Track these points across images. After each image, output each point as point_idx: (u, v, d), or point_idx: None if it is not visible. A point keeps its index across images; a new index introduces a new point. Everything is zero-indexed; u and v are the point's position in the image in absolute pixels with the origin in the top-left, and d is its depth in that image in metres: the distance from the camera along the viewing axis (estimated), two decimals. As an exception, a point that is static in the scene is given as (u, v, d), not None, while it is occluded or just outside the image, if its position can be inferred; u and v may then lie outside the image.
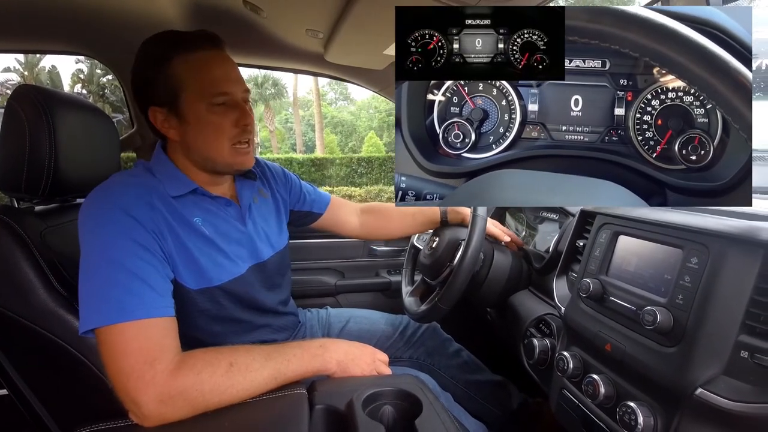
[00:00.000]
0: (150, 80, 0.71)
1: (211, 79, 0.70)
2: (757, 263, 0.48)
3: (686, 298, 0.51)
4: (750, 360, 0.46)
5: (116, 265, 0.59)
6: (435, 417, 0.57)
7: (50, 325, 0.67)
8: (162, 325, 0.59)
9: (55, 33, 1.21)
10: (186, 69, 0.69)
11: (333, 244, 1.61)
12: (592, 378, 0.60)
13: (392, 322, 1.13)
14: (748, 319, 0.47)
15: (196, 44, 0.70)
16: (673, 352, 0.51)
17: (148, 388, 0.54)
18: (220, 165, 0.75)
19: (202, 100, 0.70)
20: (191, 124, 0.71)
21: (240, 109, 0.73)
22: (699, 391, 0.48)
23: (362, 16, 0.93)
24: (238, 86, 0.73)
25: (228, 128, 0.72)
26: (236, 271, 0.77)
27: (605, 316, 0.62)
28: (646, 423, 0.52)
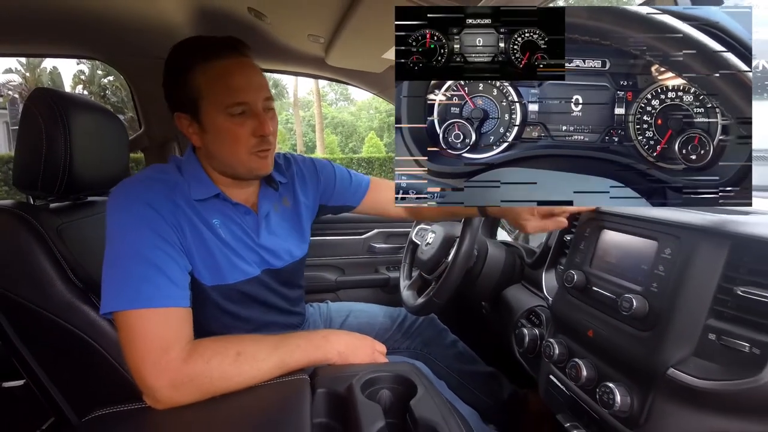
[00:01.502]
0: (174, 87, 0.72)
1: (228, 89, 0.70)
2: (724, 253, 0.52)
3: (660, 286, 0.55)
4: (717, 342, 0.51)
5: (138, 255, 0.63)
6: (429, 399, 0.60)
7: (67, 315, 0.71)
8: (178, 315, 0.63)
9: (65, 37, 1.25)
10: (205, 78, 0.70)
11: (334, 242, 1.65)
12: (576, 362, 0.64)
13: (390, 315, 1.16)
14: (716, 305, 0.52)
15: (215, 52, 0.70)
16: (648, 336, 0.55)
17: (162, 373, 0.58)
18: (239, 171, 0.76)
19: (220, 109, 0.70)
20: (210, 133, 0.72)
21: (259, 119, 0.72)
22: (671, 371, 0.52)
23: (361, 22, 0.96)
24: (258, 94, 0.72)
25: (246, 137, 0.72)
26: (250, 272, 0.79)
27: (588, 305, 0.66)
28: (623, 402, 0.56)
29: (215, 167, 0.77)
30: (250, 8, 1.03)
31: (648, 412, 0.55)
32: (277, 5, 1.02)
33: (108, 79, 18.43)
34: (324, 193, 0.99)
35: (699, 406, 0.51)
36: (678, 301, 0.53)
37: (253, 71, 0.73)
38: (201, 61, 0.70)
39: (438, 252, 1.10)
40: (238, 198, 0.80)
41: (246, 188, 0.82)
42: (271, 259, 0.83)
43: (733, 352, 0.49)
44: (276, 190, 0.86)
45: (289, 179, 0.91)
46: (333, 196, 1.00)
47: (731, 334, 0.49)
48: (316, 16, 1.03)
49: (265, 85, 0.74)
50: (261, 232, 0.81)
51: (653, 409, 0.54)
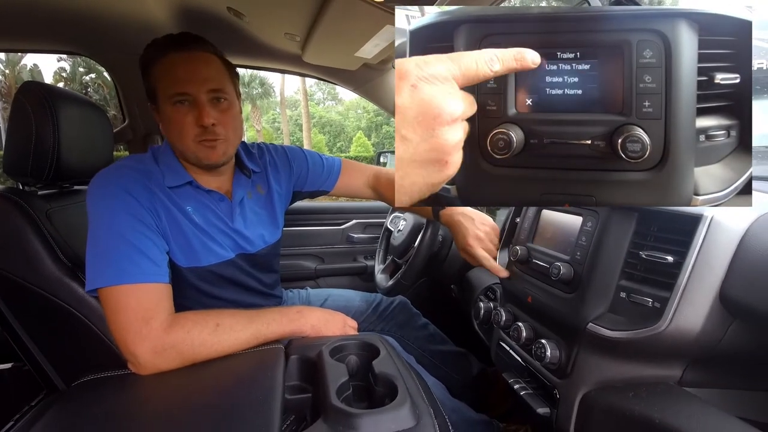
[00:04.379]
0: (144, 79, 0.80)
1: (172, 80, 0.75)
2: (632, 224, 0.61)
3: (582, 254, 0.64)
4: (627, 299, 0.59)
5: (118, 235, 0.69)
6: (389, 359, 0.67)
7: (56, 290, 0.77)
8: (157, 289, 0.68)
9: (48, 32, 1.29)
10: (158, 71, 0.76)
11: (314, 232, 1.72)
12: (518, 325, 0.73)
13: (366, 299, 1.23)
14: (626, 267, 0.60)
15: (169, 47, 0.76)
16: (573, 297, 0.64)
17: (144, 341, 0.63)
18: (190, 158, 0.80)
19: (167, 99, 0.76)
20: (163, 121, 0.79)
21: (201, 109, 0.75)
22: (590, 325, 0.60)
23: (333, 21, 1.03)
24: (200, 86, 0.75)
25: (189, 126, 0.76)
26: (224, 255, 0.84)
27: (529, 275, 0.75)
28: (552, 355, 0.65)
29: (179, 154, 0.81)
30: (229, 7, 1.09)
31: (573, 363, 0.63)
32: (254, 4, 1.08)
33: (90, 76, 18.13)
34: (298, 180, 1.04)
35: (613, 354, 0.59)
36: (596, 266, 0.62)
37: (201, 64, 0.77)
38: (159, 56, 0.76)
39: (408, 238, 1.18)
40: (211, 185, 0.84)
41: (218, 176, 0.86)
42: (245, 244, 0.88)
43: (639, 307, 0.57)
44: (249, 177, 0.91)
45: (262, 168, 0.96)
46: (307, 182, 1.05)
47: (638, 292, 0.58)
48: (290, 15, 1.08)
49: (212, 78, 0.77)
50: (235, 217, 0.85)
51: (577, 360, 0.63)
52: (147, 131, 1.50)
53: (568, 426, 0.62)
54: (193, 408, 0.57)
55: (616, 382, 0.59)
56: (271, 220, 0.96)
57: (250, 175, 0.91)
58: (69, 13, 1.17)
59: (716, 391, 0.57)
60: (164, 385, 0.64)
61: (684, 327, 0.52)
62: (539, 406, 0.67)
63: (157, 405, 0.60)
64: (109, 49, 1.35)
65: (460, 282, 1.19)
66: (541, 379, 0.69)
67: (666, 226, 0.58)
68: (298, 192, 1.06)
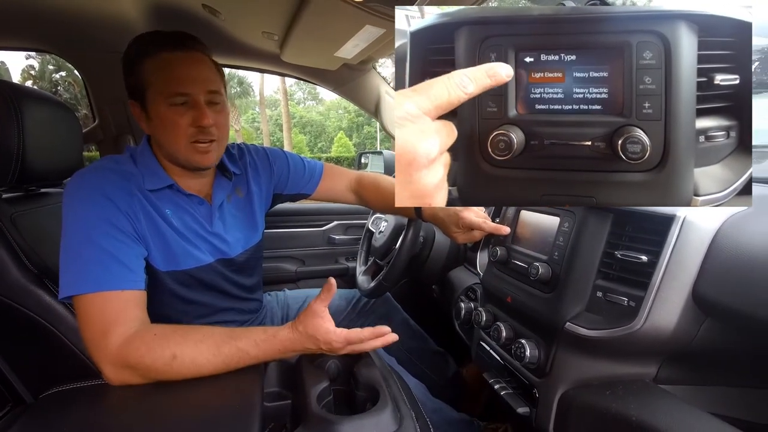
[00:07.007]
0: (128, 76, 0.76)
1: (170, 79, 0.73)
2: (608, 224, 0.62)
3: (560, 254, 0.65)
4: (603, 298, 0.60)
5: (90, 241, 0.66)
6: (371, 364, 0.67)
7: (22, 299, 0.73)
8: (125, 298, 0.65)
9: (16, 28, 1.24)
10: (151, 69, 0.73)
11: (295, 234, 1.70)
12: (498, 325, 0.73)
13: (346, 297, 1.22)
14: (602, 267, 0.62)
15: (164, 45, 0.74)
16: (551, 296, 0.65)
17: (102, 355, 0.61)
18: (180, 160, 0.77)
19: (162, 98, 0.73)
20: (154, 121, 0.75)
21: (199, 110, 0.74)
22: (568, 324, 0.61)
23: (312, 21, 1.02)
24: (200, 86, 0.74)
25: (184, 127, 0.74)
26: (203, 260, 0.81)
27: (508, 276, 0.75)
28: (532, 354, 0.65)
29: (164, 156, 0.79)
30: (204, 5, 1.07)
31: (552, 362, 0.64)
32: (230, 2, 1.05)
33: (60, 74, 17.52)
34: (278, 182, 1.01)
35: (590, 353, 0.61)
36: (573, 266, 0.63)
37: (199, 65, 0.76)
38: (151, 53, 0.74)
39: (389, 239, 1.18)
40: (192, 188, 0.82)
41: (199, 179, 0.84)
42: (225, 248, 0.85)
43: (615, 306, 0.59)
44: (230, 180, 0.89)
45: (242, 170, 0.94)
46: (287, 184, 1.03)
47: (614, 291, 0.59)
48: (268, 13, 1.06)
49: (210, 79, 0.76)
50: (214, 221, 0.83)
51: (556, 358, 0.64)
52: (118, 132, 1.45)
53: (548, 425, 0.63)
54: (168, 418, 0.55)
55: (594, 380, 0.60)
56: (251, 224, 0.94)
57: (231, 177, 0.89)
58: (38, 9, 1.12)
59: (690, 387, 0.58)
60: (137, 395, 0.61)
61: (658, 325, 0.53)
62: (519, 405, 0.68)
63: (131, 417, 0.58)
64: (79, 47, 1.30)
65: (441, 282, 1.19)
66: (521, 379, 0.70)
67: (640, 226, 0.59)
68: (278, 195, 1.03)
